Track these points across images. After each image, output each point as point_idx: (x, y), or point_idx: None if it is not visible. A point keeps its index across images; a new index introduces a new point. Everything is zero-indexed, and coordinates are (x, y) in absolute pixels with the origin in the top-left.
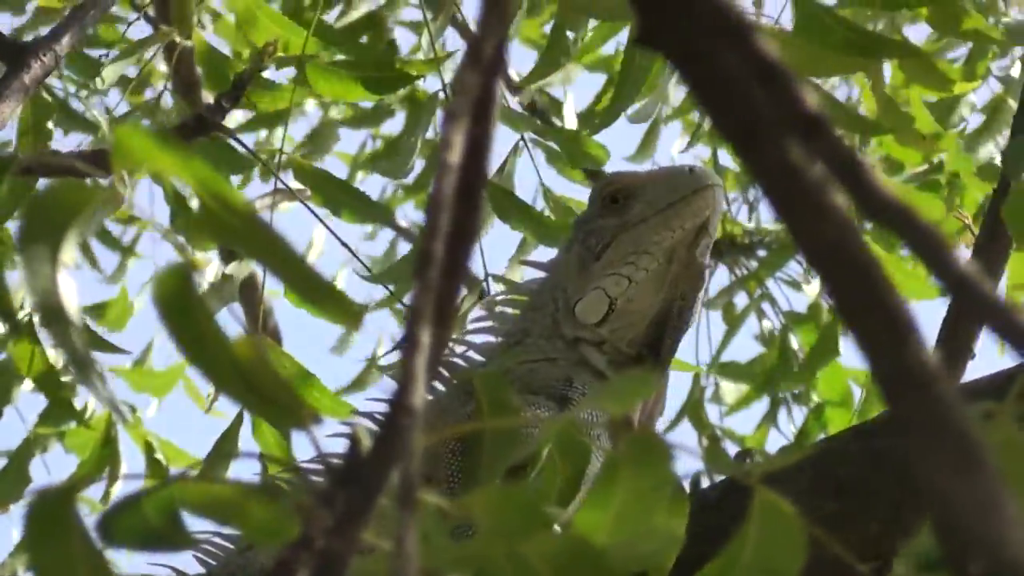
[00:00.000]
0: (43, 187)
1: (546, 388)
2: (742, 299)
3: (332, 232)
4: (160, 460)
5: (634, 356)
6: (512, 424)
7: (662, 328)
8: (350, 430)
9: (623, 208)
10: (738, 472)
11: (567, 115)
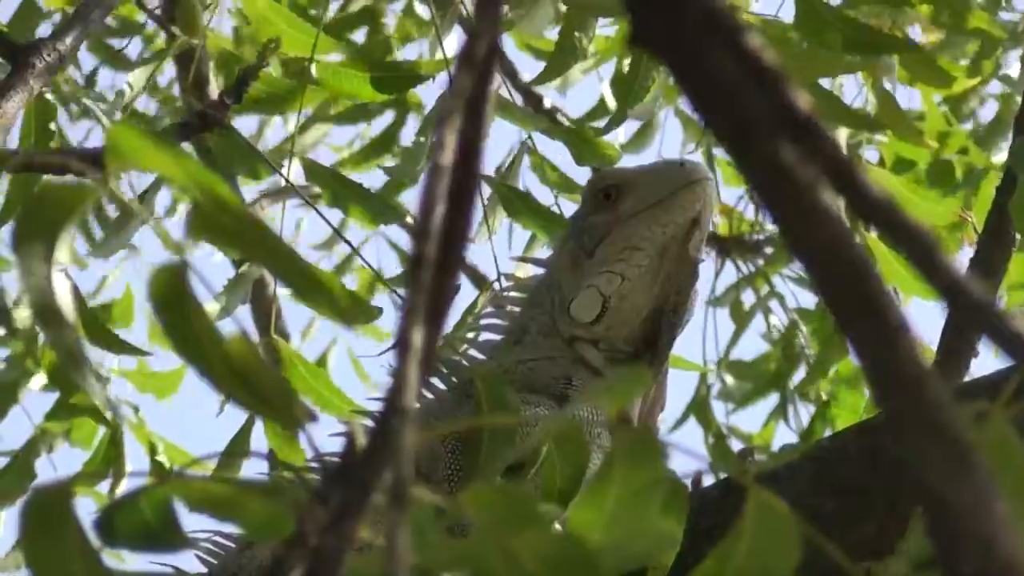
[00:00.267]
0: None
1: (546, 387)
2: (749, 297)
3: (337, 232)
4: (162, 461)
5: (631, 353)
6: (510, 423)
7: (658, 324)
8: (346, 428)
9: (615, 204)
10: (735, 471)
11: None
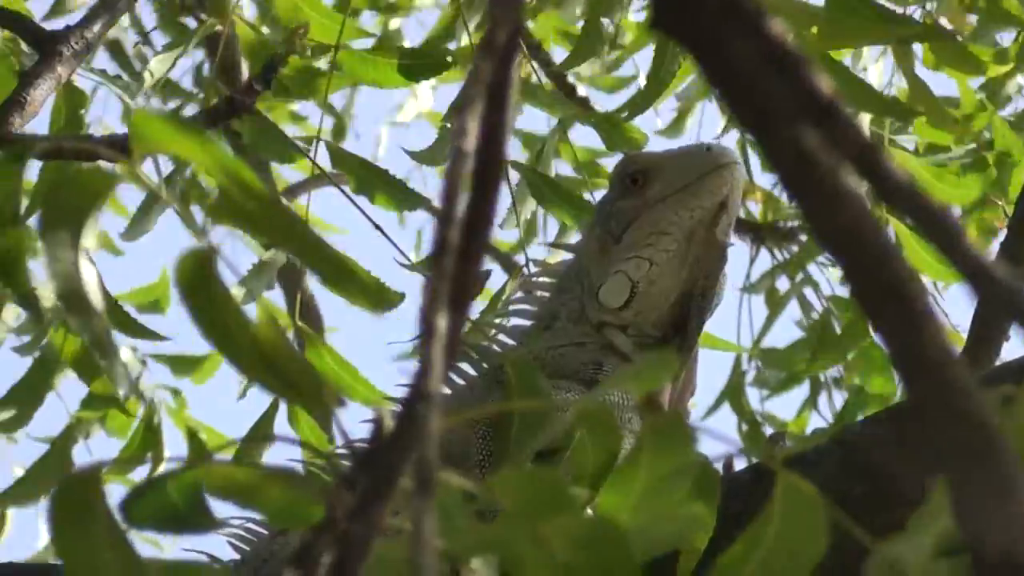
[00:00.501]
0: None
1: (575, 372)
2: (785, 285)
3: (368, 217)
4: (202, 443)
5: (660, 338)
6: (540, 407)
7: (687, 309)
8: (375, 414)
9: (642, 189)
10: (764, 455)
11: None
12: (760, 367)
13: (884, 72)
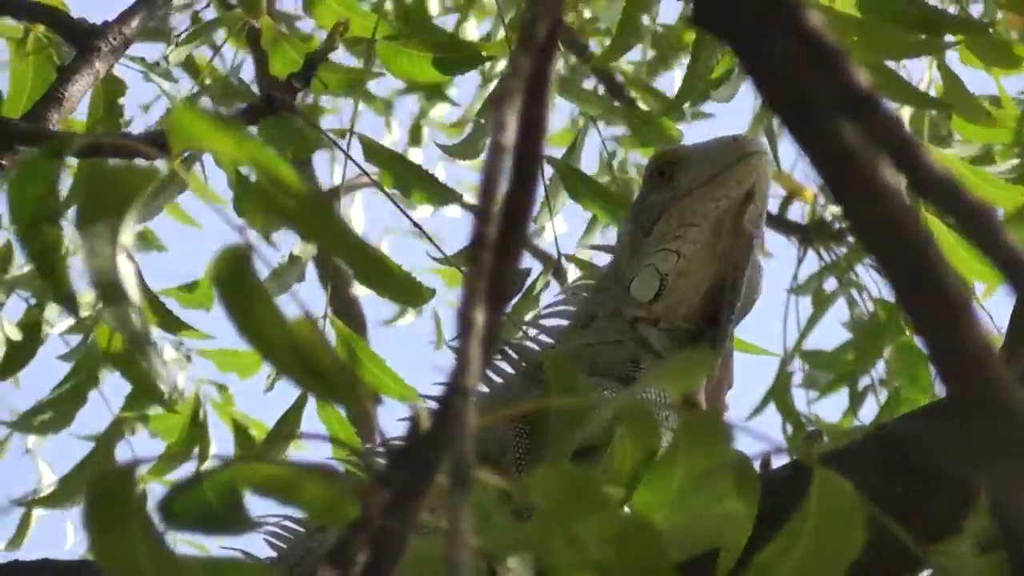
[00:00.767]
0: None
1: (612, 370)
2: (832, 285)
3: (404, 212)
4: (251, 437)
5: (692, 331)
6: (577, 405)
7: (718, 300)
8: (412, 411)
9: (670, 182)
10: (802, 452)
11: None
12: (806, 368)
13: (918, 68)
